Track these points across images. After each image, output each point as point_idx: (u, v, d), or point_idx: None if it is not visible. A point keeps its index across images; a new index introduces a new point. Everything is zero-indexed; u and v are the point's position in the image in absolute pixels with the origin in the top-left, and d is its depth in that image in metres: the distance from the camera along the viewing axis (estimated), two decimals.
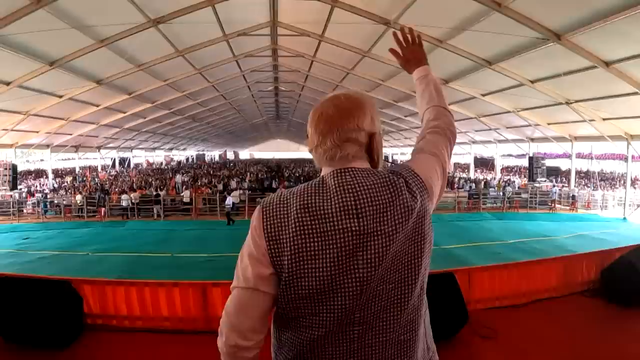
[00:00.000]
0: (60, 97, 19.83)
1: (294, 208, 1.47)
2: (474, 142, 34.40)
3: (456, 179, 32.97)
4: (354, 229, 1.40)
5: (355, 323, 1.44)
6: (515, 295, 5.80)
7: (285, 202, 1.51)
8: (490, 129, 27.66)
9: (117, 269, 13.53)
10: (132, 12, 13.37)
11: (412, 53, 2.14)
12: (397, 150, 54.83)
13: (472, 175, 37.79)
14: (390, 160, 54.83)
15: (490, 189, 28.65)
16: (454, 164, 45.97)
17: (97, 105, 23.71)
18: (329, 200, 1.45)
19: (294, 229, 1.44)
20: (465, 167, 44.93)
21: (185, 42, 17.65)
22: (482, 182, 30.87)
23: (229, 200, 22.74)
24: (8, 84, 15.94)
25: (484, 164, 41.83)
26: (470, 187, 29.21)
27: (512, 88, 18.27)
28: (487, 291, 5.70)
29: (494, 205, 26.64)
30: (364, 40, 17.35)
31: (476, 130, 29.92)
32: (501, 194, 27.13)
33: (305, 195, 1.48)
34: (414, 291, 1.48)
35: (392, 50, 2.19)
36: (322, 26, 16.79)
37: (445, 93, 1.97)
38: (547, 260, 6.52)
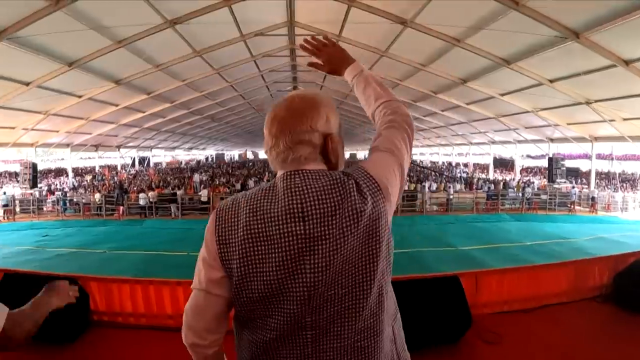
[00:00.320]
0: (80, 97, 20.09)
1: (244, 212, 1.47)
2: (493, 142, 34.03)
3: (475, 180, 32.73)
4: (299, 232, 1.38)
5: (307, 327, 1.42)
6: (524, 299, 5.66)
7: (237, 206, 1.51)
8: (509, 129, 27.32)
9: (132, 267, 13.64)
10: (148, 13, 13.42)
11: (331, 56, 2.00)
12: (416, 150, 54.22)
13: (491, 175, 37.37)
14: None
15: (509, 190, 28.31)
16: (474, 164, 45.64)
17: (116, 105, 23.97)
18: (276, 204, 1.43)
19: (242, 233, 1.44)
20: (484, 168, 44.57)
21: (202, 42, 17.71)
22: (501, 183, 30.50)
23: None
24: (28, 84, 16.18)
25: (503, 164, 41.41)
26: (489, 187, 28.89)
27: (531, 88, 18.00)
28: (494, 295, 5.58)
29: (513, 206, 26.34)
30: (381, 40, 17.25)
31: (495, 131, 29.58)
32: (520, 195, 26.77)
33: (255, 199, 1.48)
34: (369, 297, 1.43)
35: (311, 64, 2.07)
36: (339, 26, 16.67)
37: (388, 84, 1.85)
38: (558, 265, 6.36)
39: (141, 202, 24.81)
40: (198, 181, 32.12)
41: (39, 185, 27.63)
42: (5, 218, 24.07)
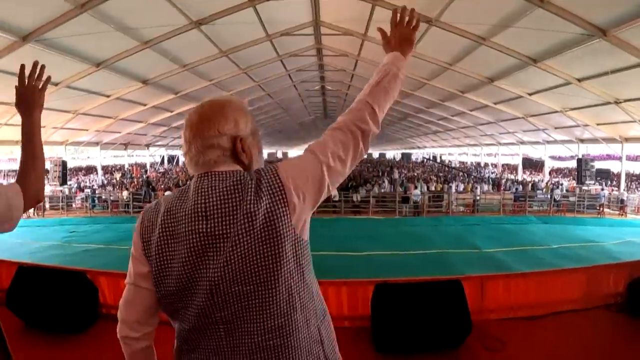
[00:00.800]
0: (108, 96, 20.55)
1: (161, 212, 1.55)
2: (522, 142, 33.34)
3: (503, 181, 32.26)
4: (201, 230, 1.45)
5: (219, 322, 1.47)
6: (531, 306, 5.45)
7: (159, 206, 1.59)
8: (538, 130, 26.73)
9: None
10: (173, 14, 13.62)
11: (398, 35, 1.95)
12: (445, 150, 54.05)
13: (520, 177, 36.61)
14: (438, 161, 54.00)
15: (538, 192, 27.78)
16: (503, 165, 44.88)
17: (144, 105, 24.47)
18: (186, 204, 1.51)
19: (158, 232, 1.52)
20: (513, 169, 43.80)
21: (228, 42, 17.86)
22: (530, 184, 29.81)
23: None
24: (57, 84, 16.56)
25: (533, 165, 40.61)
26: (516, 189, 28.38)
27: (559, 87, 17.55)
28: (500, 301, 5.42)
29: (541, 208, 25.72)
30: None
31: (524, 131, 28.87)
32: (548, 196, 26.13)
33: (172, 199, 1.56)
34: (275, 296, 1.46)
35: (380, 29, 2.03)
36: (364, 25, 16.61)
37: (398, 86, 1.80)
38: (568, 271, 6.18)
39: None
40: None
41: (68, 183, 28.34)
42: (35, 214, 24.60)
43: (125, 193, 26.83)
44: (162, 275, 1.51)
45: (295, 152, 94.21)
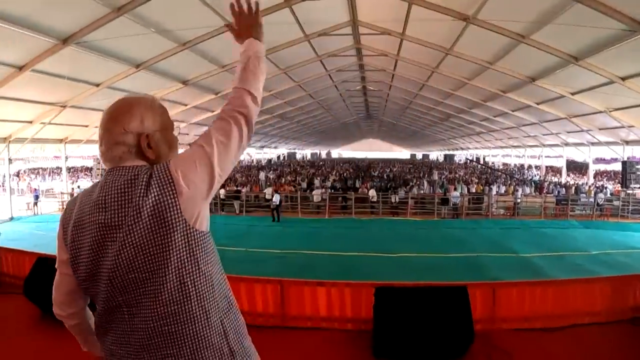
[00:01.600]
0: None
1: (77, 204, 1.67)
2: (567, 144, 32.24)
3: (545, 183, 31.28)
4: (100, 221, 1.55)
5: (123, 305, 1.57)
6: (547, 317, 5.19)
7: (76, 198, 1.72)
8: (582, 131, 25.70)
9: None
10: (210, 15, 13.79)
11: (244, 24, 2.04)
12: (488, 152, 52.80)
13: (563, 179, 35.41)
14: (481, 162, 53.01)
15: (581, 195, 26.78)
16: (547, 167, 43.63)
17: (185, 105, 24.92)
18: (92, 197, 1.62)
19: (72, 222, 1.65)
20: (557, 171, 42.51)
21: (266, 43, 17.20)
22: (573, 187, 28.83)
23: (276, 198, 23.19)
24: (98, 85, 17.11)
25: (577, 168, 39.38)
26: (558, 192, 27.48)
27: (602, 86, 16.77)
28: (514, 310, 5.19)
29: (583, 212, 24.69)
30: (445, 37, 16.74)
31: (568, 132, 27.81)
32: (592, 200, 25.00)
33: (84, 192, 1.70)
34: (166, 284, 1.53)
35: (227, 26, 2.12)
36: (402, 24, 16.39)
37: (262, 68, 1.92)
38: (591, 280, 5.84)
39: None
40: (264, 179, 32.63)
41: None
42: None
43: None
44: (75, 262, 1.64)
45: (338, 152, 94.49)
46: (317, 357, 4.74)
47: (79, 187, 27.17)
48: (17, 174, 33.13)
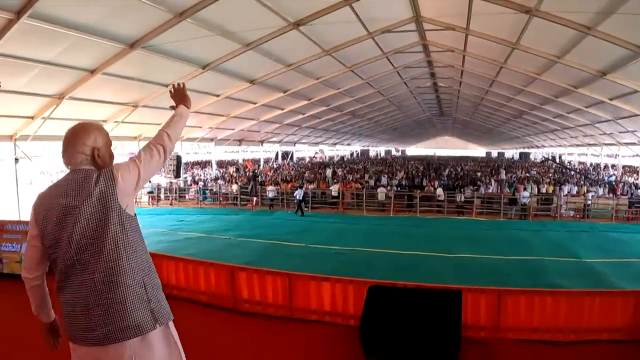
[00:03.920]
0: (217, 96, 21.86)
1: (50, 192, 2.53)
2: None
3: (620, 184, 29.33)
4: (63, 203, 2.42)
5: (78, 263, 2.40)
6: (559, 330, 4.94)
7: (49, 189, 2.58)
8: None
9: (251, 253, 14.87)
10: (271, 16, 14.12)
11: (177, 98, 3.09)
12: (564, 150, 50.07)
13: None
14: (557, 160, 50.75)
15: None
16: (624, 167, 40.88)
17: (254, 103, 25.56)
18: (59, 188, 2.49)
19: (43, 206, 2.49)
20: (634, 171, 39.98)
21: (329, 41, 18.15)
22: None
23: (299, 194, 24.06)
24: (167, 85, 17.92)
25: None
26: (632, 194, 25.73)
27: None
28: (522, 320, 4.99)
29: None
30: (510, 31, 16.12)
31: None
32: None
33: (54, 185, 2.56)
34: (106, 246, 2.40)
35: (171, 107, 3.08)
36: (465, 18, 16.04)
37: (182, 123, 2.98)
38: (612, 293, 5.43)
39: (269, 195, 26.18)
40: (330, 176, 32.82)
41: (183, 176, 30.70)
42: (150, 203, 27.55)
43: (234, 186, 28.34)
44: (43, 234, 2.46)
45: (412, 149, 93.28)
46: (319, 350, 4.88)
47: (149, 181, 28.60)
48: None
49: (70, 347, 2.49)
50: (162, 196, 28.94)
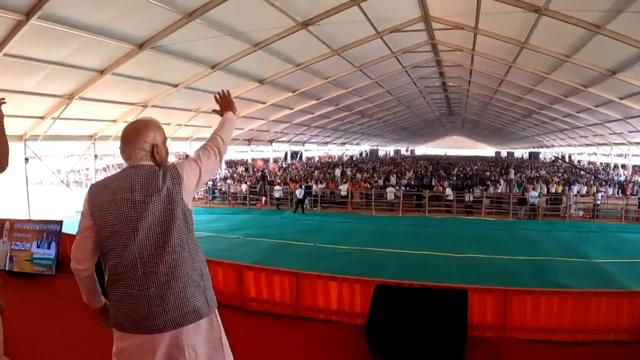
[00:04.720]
0: None
1: (105, 186, 2.55)
2: None
3: (630, 184, 29.16)
4: (128, 198, 2.46)
5: (137, 257, 2.45)
6: (565, 330, 4.89)
7: (105, 182, 2.61)
8: None
9: (258, 252, 14.97)
10: (279, 17, 14.15)
11: (223, 104, 3.15)
12: (574, 150, 49.84)
13: None
14: (567, 160, 50.48)
15: None
16: (633, 166, 40.58)
17: (264, 103, 25.62)
18: (120, 182, 2.52)
19: (102, 199, 2.49)
20: None
21: (338, 41, 18.16)
22: None
23: (299, 193, 24.40)
24: (176, 85, 18.15)
25: None
26: None
27: None
28: (528, 320, 4.96)
29: None
30: (519, 30, 16.04)
31: None
32: None
33: (113, 178, 2.59)
34: (171, 240, 2.48)
35: (214, 111, 3.17)
36: (473, 17, 15.98)
37: (231, 128, 3.04)
38: (619, 293, 5.33)
39: (275, 195, 26.34)
40: (339, 175, 32.85)
41: None
42: None
43: (244, 186, 28.44)
44: (101, 226, 2.47)
45: (421, 149, 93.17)
46: (325, 348, 4.89)
47: None
48: (104, 169, 35.41)
49: (118, 337, 2.56)
50: None
